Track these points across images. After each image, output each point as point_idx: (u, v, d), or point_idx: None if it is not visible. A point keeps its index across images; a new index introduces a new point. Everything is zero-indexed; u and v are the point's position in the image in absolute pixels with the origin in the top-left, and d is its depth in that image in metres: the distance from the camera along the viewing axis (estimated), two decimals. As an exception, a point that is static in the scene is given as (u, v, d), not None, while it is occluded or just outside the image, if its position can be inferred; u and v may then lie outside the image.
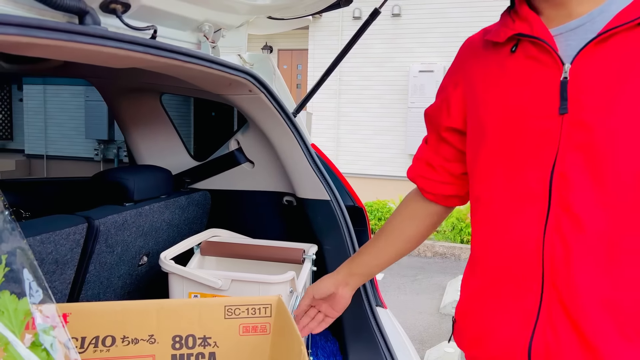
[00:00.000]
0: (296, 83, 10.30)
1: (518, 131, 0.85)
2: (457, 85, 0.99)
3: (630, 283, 0.77)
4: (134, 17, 1.25)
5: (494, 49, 0.92)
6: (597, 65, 0.79)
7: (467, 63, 0.98)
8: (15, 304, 0.68)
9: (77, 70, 2.01)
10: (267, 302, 1.04)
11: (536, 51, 0.84)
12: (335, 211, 1.77)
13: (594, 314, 0.78)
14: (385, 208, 7.27)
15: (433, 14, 8.23)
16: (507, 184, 0.87)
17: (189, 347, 1.01)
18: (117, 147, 8.12)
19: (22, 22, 0.84)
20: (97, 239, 1.50)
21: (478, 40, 0.98)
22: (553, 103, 0.81)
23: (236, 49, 1.82)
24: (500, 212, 0.88)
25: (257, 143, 1.96)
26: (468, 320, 0.97)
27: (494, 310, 0.90)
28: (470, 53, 0.98)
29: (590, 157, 0.78)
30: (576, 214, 0.79)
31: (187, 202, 1.97)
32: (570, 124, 0.80)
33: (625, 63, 0.77)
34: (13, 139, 8.99)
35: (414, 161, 1.12)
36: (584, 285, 0.79)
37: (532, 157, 0.84)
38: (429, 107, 1.08)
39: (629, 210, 0.77)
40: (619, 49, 0.78)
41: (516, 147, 0.86)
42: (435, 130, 1.06)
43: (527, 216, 0.84)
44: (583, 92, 0.79)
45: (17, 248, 0.74)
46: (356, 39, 1.77)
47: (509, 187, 0.87)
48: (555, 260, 0.81)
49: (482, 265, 0.93)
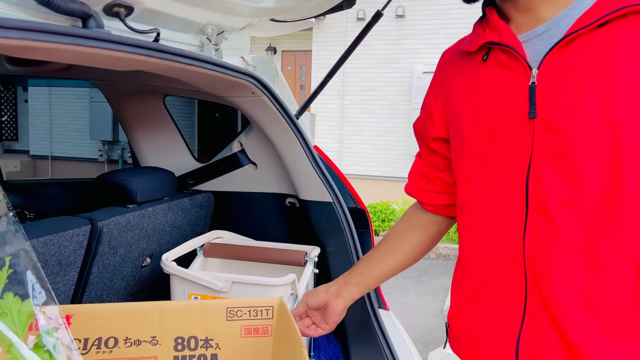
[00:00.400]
0: (300, 84, 10.30)
1: (492, 137, 0.87)
2: (437, 97, 1.02)
3: (610, 284, 0.78)
4: (137, 20, 1.26)
5: (468, 59, 0.94)
6: (563, 68, 0.80)
7: (445, 74, 1.01)
8: (18, 306, 0.68)
9: (81, 73, 2.02)
10: (269, 304, 1.04)
11: (506, 58, 0.86)
12: (338, 213, 1.77)
13: (575, 315, 0.79)
14: (389, 209, 7.27)
15: (437, 15, 8.22)
16: (486, 189, 0.89)
17: (191, 349, 1.02)
18: (122, 148, 8.15)
19: (25, 26, 0.84)
20: (100, 241, 1.51)
21: (454, 51, 1.00)
22: (523, 108, 0.83)
23: (239, 52, 1.83)
24: (482, 217, 0.90)
25: (260, 145, 1.97)
26: (459, 325, 0.98)
27: (482, 314, 0.91)
28: (447, 64, 1.01)
29: (562, 160, 0.79)
30: (553, 218, 0.80)
31: (190, 203, 1.98)
32: (540, 128, 0.81)
33: (589, 64, 0.78)
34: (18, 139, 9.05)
35: (410, 176, 1.14)
36: (565, 287, 0.79)
37: (508, 162, 0.85)
38: (416, 120, 1.10)
39: (604, 212, 0.77)
40: (583, 51, 0.79)
41: (492, 152, 0.87)
42: (424, 142, 1.08)
43: (507, 221, 0.85)
44: (550, 96, 0.80)
45: (21, 250, 0.74)
46: (359, 41, 1.77)
47: (488, 193, 0.89)
48: (535, 264, 0.82)
49: (468, 270, 0.95)
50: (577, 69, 0.79)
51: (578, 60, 0.79)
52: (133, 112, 2.24)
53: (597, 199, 0.77)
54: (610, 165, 0.76)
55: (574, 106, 0.78)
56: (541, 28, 0.84)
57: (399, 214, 7.22)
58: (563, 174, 0.79)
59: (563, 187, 0.79)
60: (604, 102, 0.76)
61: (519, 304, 0.84)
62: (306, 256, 1.72)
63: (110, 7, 1.14)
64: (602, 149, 0.76)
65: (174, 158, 2.23)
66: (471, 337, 0.94)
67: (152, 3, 1.24)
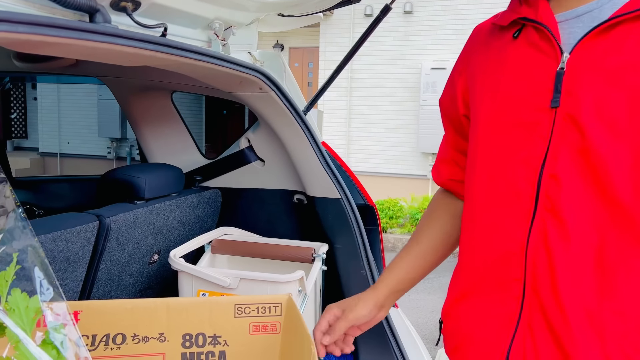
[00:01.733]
0: (307, 81, 10.29)
1: (507, 123, 0.80)
2: (461, 74, 0.94)
3: (619, 302, 0.70)
4: (145, 15, 1.25)
5: (498, 34, 0.86)
6: (597, 56, 0.72)
7: (472, 49, 0.93)
8: (26, 302, 0.68)
9: (89, 69, 2.02)
10: (277, 301, 1.03)
11: (538, 38, 0.78)
12: (346, 210, 1.76)
13: (576, 327, 0.72)
14: (397, 206, 7.24)
15: (445, 10, 8.16)
16: (490, 179, 0.82)
17: (199, 346, 1.01)
18: (130, 145, 8.19)
19: (32, 20, 0.84)
20: (108, 237, 1.51)
21: (487, 26, 0.92)
22: (546, 95, 0.75)
23: (247, 47, 1.82)
24: (485, 210, 0.83)
25: (268, 141, 1.96)
26: (450, 322, 0.92)
27: (475, 313, 0.85)
28: (477, 39, 0.93)
29: (583, 158, 0.71)
30: (564, 221, 0.72)
31: (198, 200, 1.98)
32: (562, 120, 0.74)
33: (628, 56, 0.70)
34: (27, 137, 9.11)
35: (439, 164, 1.03)
36: (568, 295, 0.72)
37: (519, 152, 0.77)
38: (441, 96, 1.02)
39: (624, 222, 0.70)
40: (623, 39, 0.70)
41: (504, 140, 0.80)
42: (450, 120, 0.99)
43: (511, 217, 0.78)
44: (578, 85, 0.73)
45: (28, 246, 0.74)
46: (367, 36, 1.76)
47: (492, 183, 0.82)
48: (537, 268, 0.75)
49: (466, 265, 0.88)
50: (613, 59, 0.71)
51: (616, 49, 0.71)
52: (141, 109, 2.23)
53: (618, 207, 0.70)
54: (637, 172, 0.68)
55: (603, 101, 0.70)
56: (582, 8, 0.76)
57: (406, 211, 7.19)
58: (583, 173, 0.71)
59: (581, 188, 0.72)
60: (637, 101, 0.68)
61: (515, 306, 0.78)
62: (314, 253, 1.71)
63: (118, 2, 1.13)
64: (629, 153, 0.68)
65: (181, 154, 2.23)
66: (462, 337, 0.89)
67: (160, -2, 1.23)
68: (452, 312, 0.91)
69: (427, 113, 8.02)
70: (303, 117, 1.73)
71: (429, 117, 7.99)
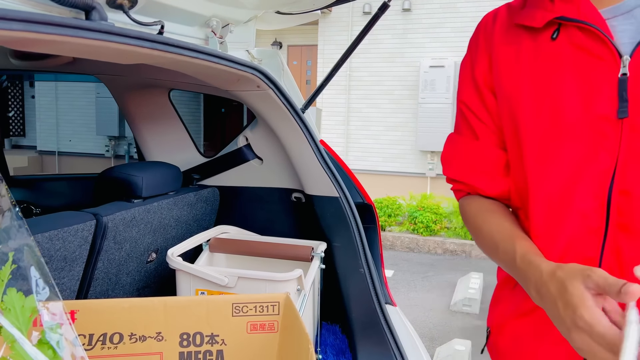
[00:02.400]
0: (306, 79, 10.28)
1: (564, 136, 0.71)
2: (484, 60, 0.84)
3: None
4: (141, 13, 1.24)
5: (528, 33, 0.77)
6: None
7: (495, 41, 0.83)
8: (22, 302, 0.68)
9: (86, 67, 2.01)
10: (275, 300, 1.03)
11: (585, 39, 0.70)
12: (344, 208, 1.75)
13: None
14: (395, 205, 7.24)
15: (444, 8, 8.15)
16: (551, 196, 0.73)
17: (196, 345, 1.01)
18: (128, 143, 8.18)
19: (27, 17, 0.83)
20: (105, 236, 1.50)
21: (504, 18, 0.83)
22: (610, 104, 0.67)
23: (244, 45, 1.81)
24: (549, 228, 0.75)
25: (266, 139, 1.95)
26: (506, 338, 0.85)
27: (541, 334, 0.78)
28: (497, 30, 0.83)
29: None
30: (639, 238, 0.67)
31: (195, 198, 1.97)
32: (631, 131, 0.67)
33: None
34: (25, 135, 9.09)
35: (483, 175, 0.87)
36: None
37: (584, 167, 0.70)
38: (462, 94, 0.89)
39: None
40: None
41: (561, 154, 0.71)
42: (478, 89, 0.86)
43: (581, 237, 0.71)
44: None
45: (24, 245, 0.74)
46: (365, 33, 1.75)
47: (554, 201, 0.73)
48: None
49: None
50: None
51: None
52: (138, 107, 2.23)
53: None
54: None
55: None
56: (632, 2, 0.69)
57: (405, 209, 7.19)
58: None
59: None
60: None
61: None
62: (313, 251, 1.70)
63: (114, -1, 1.13)
64: None
65: (179, 153, 2.22)
66: (522, 356, 0.82)
67: (156, -5, 1.23)
68: (510, 327, 0.84)
69: (426, 111, 8.02)
70: (301, 115, 1.73)
71: (427, 115, 7.98)
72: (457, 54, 7.98)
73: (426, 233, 6.72)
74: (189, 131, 2.30)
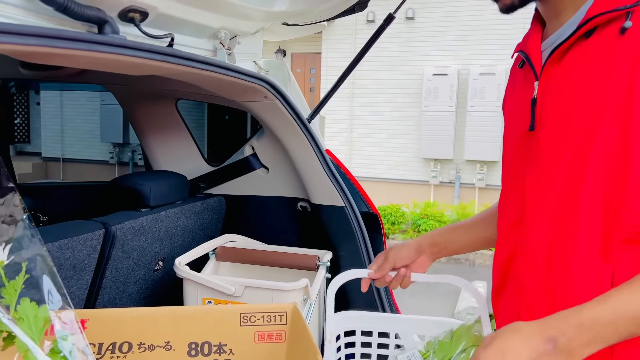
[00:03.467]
0: (309, 87, 10.31)
1: (507, 148, 0.90)
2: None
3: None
4: (152, 26, 1.26)
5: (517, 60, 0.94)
6: (557, 81, 0.77)
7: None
8: (35, 311, 0.68)
9: (95, 77, 2.03)
10: (283, 310, 1.03)
11: (527, 67, 0.84)
12: (350, 217, 1.76)
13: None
14: (399, 212, 7.23)
15: (447, 17, 8.18)
16: (501, 196, 0.92)
17: (204, 354, 1.01)
18: (132, 150, 8.19)
19: (42, 32, 0.85)
20: (113, 245, 1.52)
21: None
22: (528, 120, 0.82)
23: (252, 56, 1.83)
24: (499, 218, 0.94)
25: (272, 149, 1.96)
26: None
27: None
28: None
29: (546, 175, 0.78)
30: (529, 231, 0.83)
31: (202, 207, 1.98)
32: (535, 142, 0.80)
33: (579, 78, 0.74)
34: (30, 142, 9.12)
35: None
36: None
37: (512, 175, 0.87)
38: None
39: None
40: (575, 62, 0.75)
41: (506, 164, 0.90)
42: None
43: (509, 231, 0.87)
44: (544, 110, 0.79)
45: (37, 255, 0.75)
46: (370, 45, 1.77)
47: (501, 199, 0.93)
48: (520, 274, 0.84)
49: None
50: (568, 83, 0.76)
51: (571, 72, 0.76)
52: (146, 116, 2.24)
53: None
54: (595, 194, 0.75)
55: (561, 124, 0.76)
56: (555, 35, 0.80)
57: (408, 217, 7.18)
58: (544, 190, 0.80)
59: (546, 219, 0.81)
60: (589, 122, 0.73)
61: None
62: (318, 261, 1.71)
63: (126, 13, 1.15)
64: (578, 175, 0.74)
65: (186, 162, 2.24)
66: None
67: (167, 8, 1.25)
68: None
69: (429, 119, 8.03)
70: (307, 126, 1.74)
71: (430, 122, 8.00)
72: (460, 62, 8.00)
73: (430, 241, 6.70)
74: (196, 140, 2.32)
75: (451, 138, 7.82)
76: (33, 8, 0.98)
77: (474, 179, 7.73)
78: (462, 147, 7.77)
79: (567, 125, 0.75)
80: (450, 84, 7.90)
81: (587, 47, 0.73)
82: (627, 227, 0.70)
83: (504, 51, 7.42)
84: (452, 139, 7.82)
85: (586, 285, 0.73)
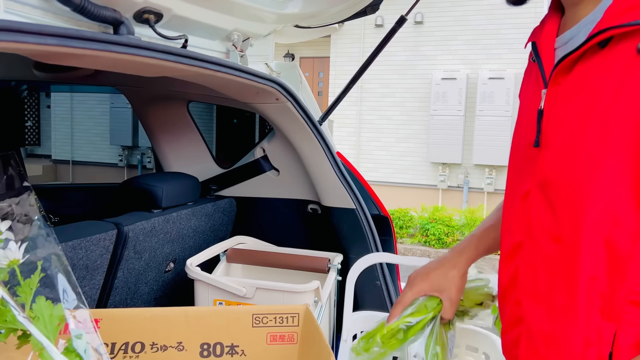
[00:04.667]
0: (317, 90, 10.33)
1: (513, 159, 0.81)
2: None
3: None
4: (166, 27, 1.27)
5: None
6: (566, 92, 0.68)
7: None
8: (50, 310, 0.69)
9: (107, 79, 2.05)
10: (295, 312, 1.03)
11: (537, 66, 0.74)
12: (361, 220, 1.76)
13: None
14: (407, 216, 7.21)
15: (456, 21, 8.17)
16: (504, 207, 0.84)
17: (216, 355, 1.01)
18: (141, 153, 8.24)
19: (61, 32, 0.86)
20: (125, 245, 1.52)
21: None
22: (534, 132, 0.73)
23: (264, 58, 1.83)
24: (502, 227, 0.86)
25: (283, 151, 1.97)
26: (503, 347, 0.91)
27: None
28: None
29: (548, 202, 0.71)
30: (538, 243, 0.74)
31: (213, 209, 1.98)
32: (540, 161, 0.72)
33: (588, 96, 0.65)
34: (40, 144, 9.20)
35: None
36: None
37: (517, 187, 0.78)
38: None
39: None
40: (586, 76, 0.66)
41: (511, 176, 0.82)
42: None
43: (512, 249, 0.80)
44: (550, 126, 0.70)
45: (52, 254, 0.75)
46: (382, 47, 1.76)
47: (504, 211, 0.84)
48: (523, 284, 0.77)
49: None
50: (578, 95, 0.67)
51: (581, 84, 0.67)
52: (157, 118, 2.26)
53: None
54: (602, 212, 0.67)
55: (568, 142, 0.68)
56: (571, 32, 0.71)
57: (417, 221, 7.16)
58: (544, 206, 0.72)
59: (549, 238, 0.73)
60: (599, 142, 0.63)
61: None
62: (329, 263, 1.71)
63: (141, 14, 1.15)
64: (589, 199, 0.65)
65: (197, 164, 2.24)
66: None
67: (181, 10, 1.25)
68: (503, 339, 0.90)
69: (437, 123, 8.01)
70: (318, 128, 1.74)
71: (439, 127, 7.97)
72: (469, 66, 7.98)
73: (438, 245, 6.68)
74: (207, 142, 2.33)
75: (460, 142, 7.79)
76: (50, 9, 0.99)
77: (483, 184, 7.69)
78: (471, 152, 7.74)
79: (572, 151, 0.67)
80: (459, 88, 7.88)
81: (601, 60, 0.65)
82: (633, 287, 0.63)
83: (513, 55, 7.40)
84: (461, 143, 7.80)
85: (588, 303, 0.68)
